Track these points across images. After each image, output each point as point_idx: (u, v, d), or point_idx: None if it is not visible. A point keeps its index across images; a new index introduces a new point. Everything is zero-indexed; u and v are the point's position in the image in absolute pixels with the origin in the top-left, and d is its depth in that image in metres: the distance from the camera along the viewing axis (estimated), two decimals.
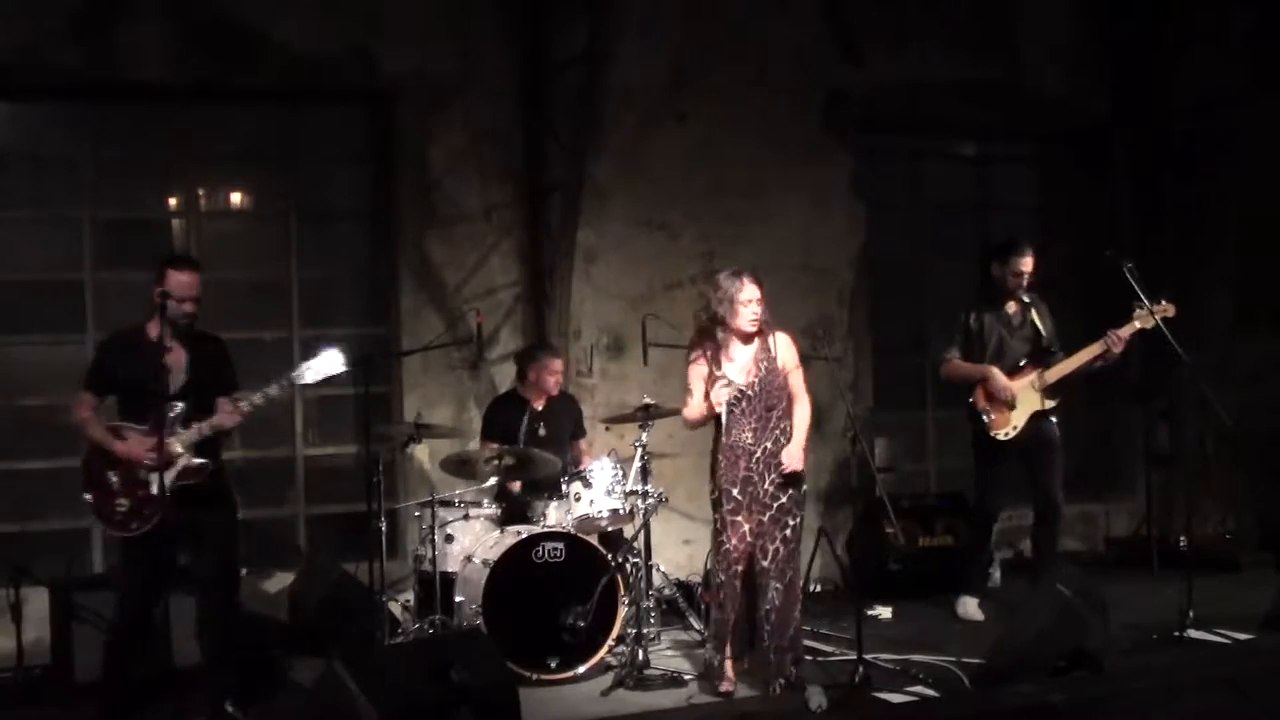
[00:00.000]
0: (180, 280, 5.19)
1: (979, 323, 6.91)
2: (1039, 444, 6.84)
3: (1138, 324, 6.62)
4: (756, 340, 5.60)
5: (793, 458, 5.53)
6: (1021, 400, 6.77)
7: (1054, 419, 6.88)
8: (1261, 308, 8.97)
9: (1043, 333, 6.88)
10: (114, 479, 5.11)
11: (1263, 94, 8.82)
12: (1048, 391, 6.80)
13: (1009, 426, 6.78)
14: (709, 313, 5.62)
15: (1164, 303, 6.61)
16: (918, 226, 9.30)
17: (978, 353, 6.89)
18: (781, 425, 5.59)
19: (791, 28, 8.44)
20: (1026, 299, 6.91)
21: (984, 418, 6.81)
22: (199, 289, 5.23)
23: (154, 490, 5.06)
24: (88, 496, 5.19)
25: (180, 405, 5.16)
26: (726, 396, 5.45)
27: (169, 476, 5.07)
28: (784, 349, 5.63)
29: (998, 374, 6.78)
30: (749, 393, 5.52)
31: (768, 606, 5.53)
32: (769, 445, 5.53)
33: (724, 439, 5.55)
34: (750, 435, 5.52)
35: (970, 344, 6.92)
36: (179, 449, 5.12)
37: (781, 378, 5.59)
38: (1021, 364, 6.84)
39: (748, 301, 5.53)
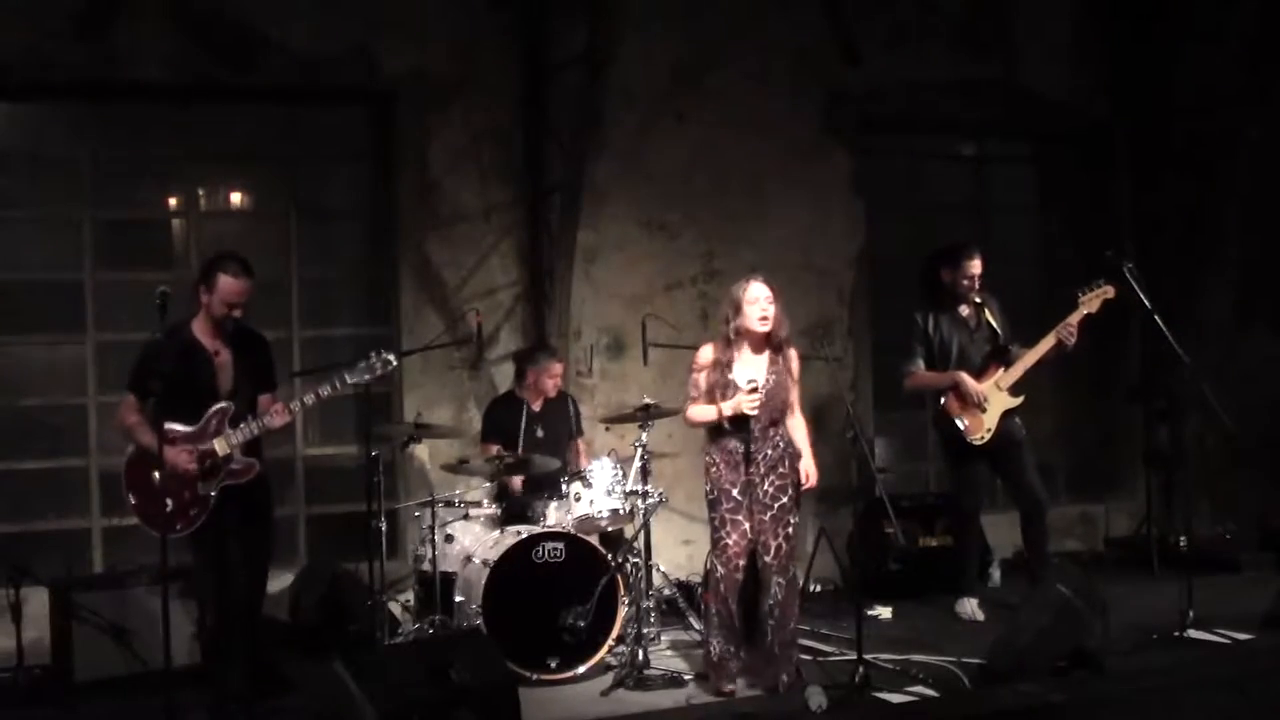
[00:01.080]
0: (232, 287, 5.21)
1: (937, 330, 6.91)
2: (1007, 443, 6.84)
3: (1084, 310, 6.65)
4: (769, 351, 5.61)
5: (811, 474, 5.69)
6: (991, 402, 6.77)
7: (1018, 419, 6.89)
8: (1261, 308, 8.97)
9: (999, 331, 6.90)
10: (159, 480, 5.11)
11: (1263, 94, 8.82)
12: (1013, 389, 6.80)
13: (983, 430, 6.78)
14: (725, 323, 5.62)
15: (1104, 284, 6.64)
16: (918, 226, 9.29)
17: (939, 360, 6.89)
18: (780, 432, 5.62)
19: (791, 28, 8.44)
20: (978, 299, 6.93)
21: (959, 424, 6.80)
22: (249, 295, 5.26)
23: (201, 491, 5.15)
24: (130, 499, 5.20)
25: (229, 405, 5.22)
26: (756, 401, 5.47)
27: (217, 478, 5.17)
28: (793, 363, 5.67)
29: (967, 378, 6.78)
30: (760, 391, 5.54)
31: (771, 602, 5.55)
32: (769, 452, 5.58)
33: (724, 444, 5.58)
34: (752, 445, 5.54)
35: (931, 352, 6.91)
36: (227, 449, 5.19)
37: (787, 391, 5.61)
38: (984, 366, 6.85)
39: (754, 300, 5.54)
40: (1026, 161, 9.86)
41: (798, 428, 5.73)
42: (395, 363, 5.51)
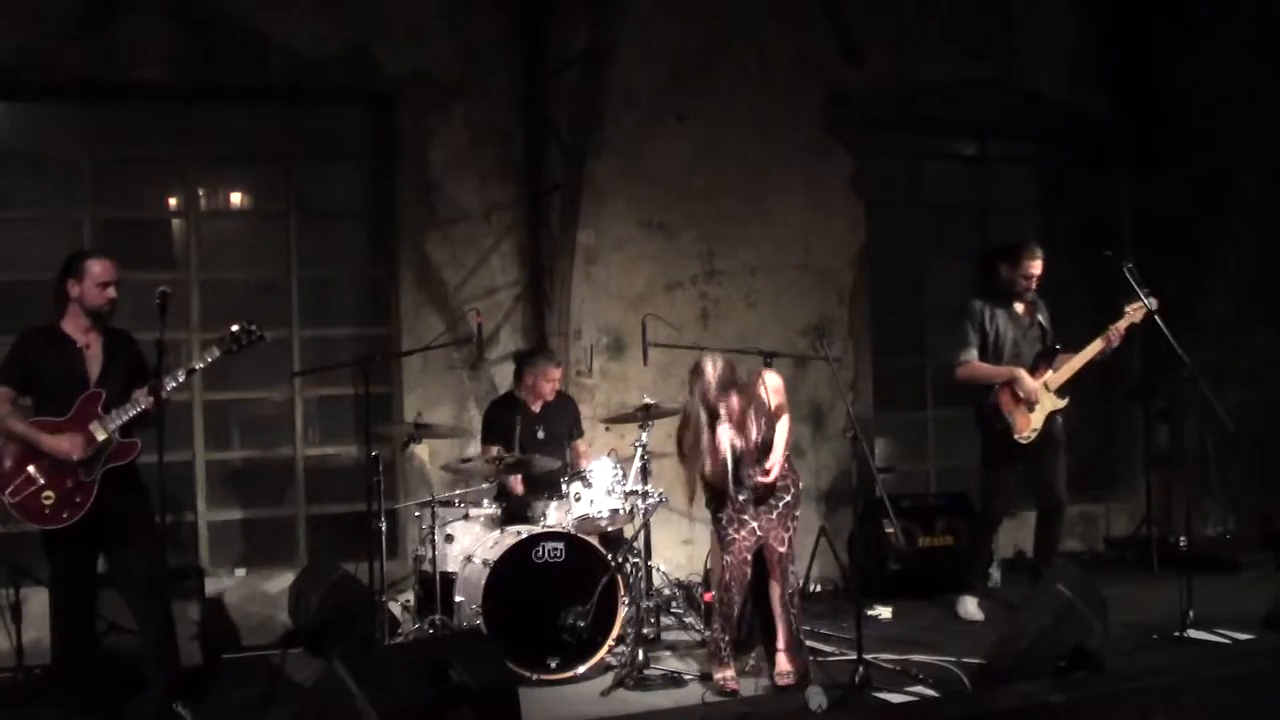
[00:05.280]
0: (102, 267, 5.24)
1: (993, 324, 6.87)
2: (1048, 443, 6.84)
3: (1129, 319, 6.63)
4: (747, 400, 5.61)
5: (773, 470, 5.60)
6: (1040, 402, 6.75)
7: (1060, 418, 6.88)
8: (1261, 308, 8.97)
9: (1049, 332, 6.89)
10: (35, 473, 5.10)
11: (1263, 94, 8.82)
12: (1058, 391, 6.78)
13: (1030, 429, 6.75)
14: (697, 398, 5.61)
15: (1150, 296, 6.64)
16: (918, 226, 9.30)
17: (992, 354, 6.85)
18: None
19: (791, 28, 8.44)
20: (1031, 299, 6.91)
21: (1008, 420, 6.75)
22: (117, 275, 5.28)
23: (84, 478, 5.11)
24: (5, 497, 5.11)
25: (101, 391, 5.20)
26: (729, 438, 5.49)
27: (99, 463, 5.13)
28: (775, 393, 5.66)
29: (1026, 376, 6.72)
30: (749, 447, 5.56)
31: (790, 591, 5.60)
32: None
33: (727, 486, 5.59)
34: (751, 484, 5.59)
35: (985, 344, 6.87)
36: (105, 434, 5.15)
37: (773, 421, 5.61)
38: (1035, 365, 6.81)
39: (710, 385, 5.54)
40: (1027, 161, 9.87)
41: (781, 429, 5.69)
42: (260, 334, 5.46)
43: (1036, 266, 6.83)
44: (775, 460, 5.61)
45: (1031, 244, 6.92)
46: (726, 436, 5.51)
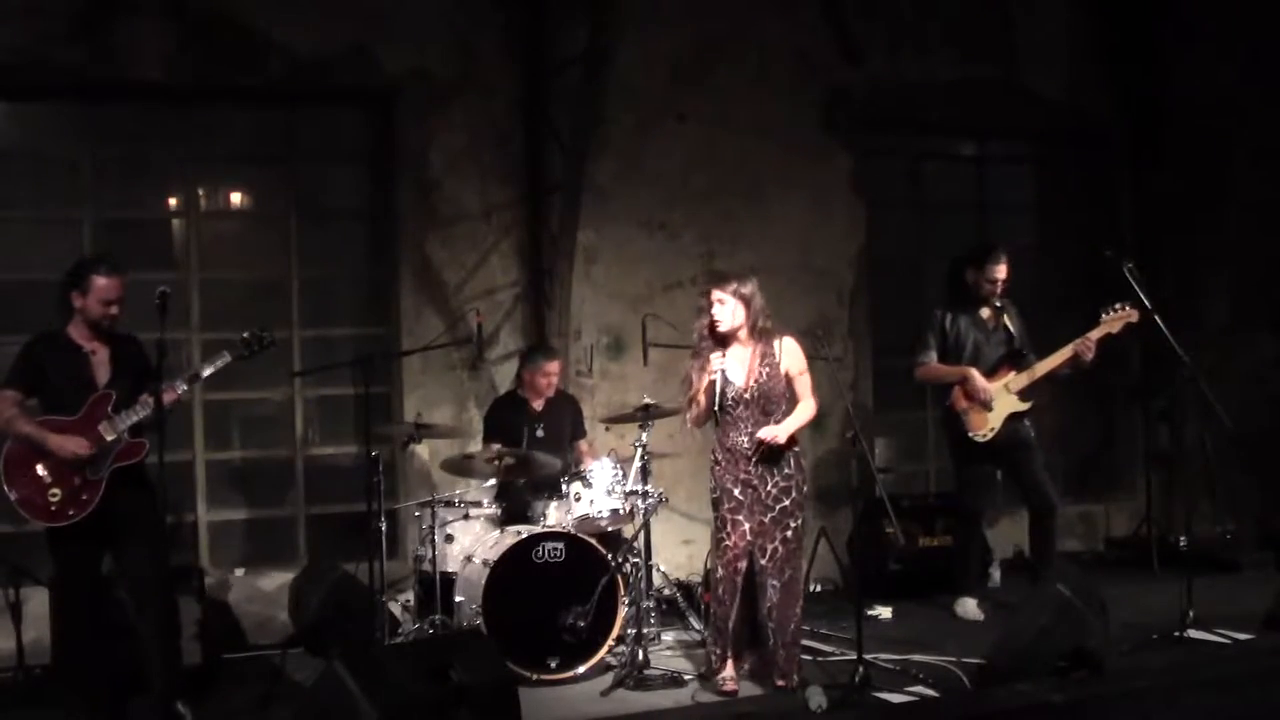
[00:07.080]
0: (107, 285, 5.22)
1: (954, 326, 6.94)
2: (1016, 445, 6.87)
3: (1104, 329, 6.64)
4: (759, 343, 5.59)
5: (769, 431, 5.50)
6: (998, 402, 6.79)
7: (1028, 421, 6.91)
8: (1261, 308, 8.97)
9: (1015, 335, 6.92)
10: (43, 471, 5.12)
11: (1261, 93, 8.82)
12: (1022, 394, 6.82)
13: (986, 428, 6.81)
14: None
15: (1126, 307, 6.62)
16: (918, 226, 9.30)
17: (953, 356, 6.93)
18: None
19: (791, 28, 8.44)
20: (998, 303, 6.95)
21: (962, 418, 6.83)
22: (123, 291, 5.27)
23: (91, 476, 5.12)
24: (11, 494, 5.13)
25: (110, 392, 5.22)
26: (719, 365, 5.49)
27: (107, 462, 5.14)
28: (789, 355, 5.62)
29: (977, 375, 6.81)
30: (747, 395, 5.52)
31: (769, 604, 5.55)
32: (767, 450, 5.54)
33: (723, 440, 5.56)
34: (746, 439, 5.53)
35: (945, 347, 6.94)
36: (114, 434, 5.17)
37: (783, 383, 5.59)
38: (996, 367, 6.87)
39: (708, 306, 5.56)
40: (1026, 161, 9.86)
41: (802, 408, 5.65)
42: (271, 340, 5.53)
43: (1001, 271, 6.88)
44: (783, 429, 5.51)
45: (996, 249, 6.97)
46: (718, 362, 5.52)
